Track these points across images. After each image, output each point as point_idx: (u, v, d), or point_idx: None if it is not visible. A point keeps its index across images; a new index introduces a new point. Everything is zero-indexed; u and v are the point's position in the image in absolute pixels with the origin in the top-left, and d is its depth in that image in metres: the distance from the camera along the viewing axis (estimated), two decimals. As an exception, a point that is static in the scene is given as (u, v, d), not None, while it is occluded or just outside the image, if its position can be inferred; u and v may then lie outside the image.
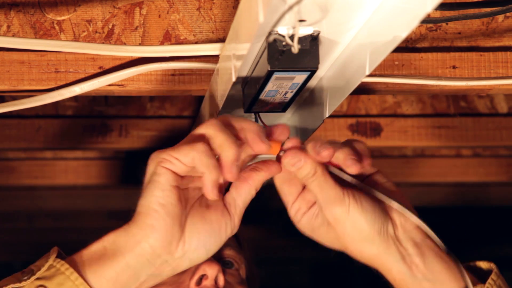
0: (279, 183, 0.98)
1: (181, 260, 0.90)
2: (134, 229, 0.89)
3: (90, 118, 1.65)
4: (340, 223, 0.94)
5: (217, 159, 0.88)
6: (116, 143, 1.65)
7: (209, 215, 0.92)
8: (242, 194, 0.93)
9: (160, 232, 0.88)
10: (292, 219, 0.98)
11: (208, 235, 0.91)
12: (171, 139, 1.65)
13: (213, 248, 0.92)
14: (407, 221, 0.95)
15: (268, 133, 0.92)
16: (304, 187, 0.97)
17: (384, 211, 0.95)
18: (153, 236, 0.88)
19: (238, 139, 0.89)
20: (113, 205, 2.51)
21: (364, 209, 0.93)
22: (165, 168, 0.88)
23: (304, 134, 1.11)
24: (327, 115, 0.97)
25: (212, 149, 0.88)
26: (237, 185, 0.94)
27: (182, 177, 0.90)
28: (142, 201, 0.89)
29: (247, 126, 0.90)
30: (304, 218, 0.97)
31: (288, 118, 1.15)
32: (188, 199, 0.92)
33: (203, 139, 0.88)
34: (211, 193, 0.88)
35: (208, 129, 0.89)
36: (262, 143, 0.89)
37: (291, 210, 0.98)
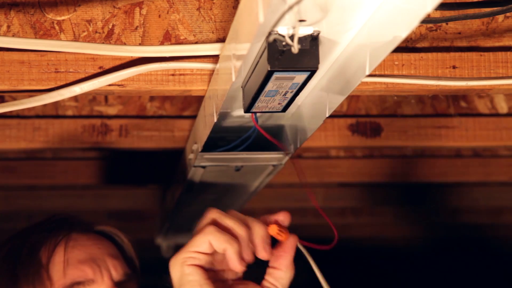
0: None
1: None
2: None
3: (90, 118, 1.65)
4: None
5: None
6: (116, 143, 1.64)
7: None
8: (279, 279, 0.96)
9: None
10: None
11: None
12: (171, 139, 1.65)
13: None
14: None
15: (272, 219, 0.95)
16: None
17: None
18: None
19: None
20: (113, 205, 2.51)
21: None
22: (192, 265, 0.89)
23: (304, 134, 1.11)
24: (327, 115, 0.97)
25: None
26: (270, 271, 0.96)
27: (207, 271, 0.91)
28: None
29: (256, 229, 0.93)
30: None
31: (288, 118, 1.15)
32: None
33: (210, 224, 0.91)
34: (238, 265, 0.90)
35: (211, 214, 0.92)
36: (265, 252, 0.92)
37: None
